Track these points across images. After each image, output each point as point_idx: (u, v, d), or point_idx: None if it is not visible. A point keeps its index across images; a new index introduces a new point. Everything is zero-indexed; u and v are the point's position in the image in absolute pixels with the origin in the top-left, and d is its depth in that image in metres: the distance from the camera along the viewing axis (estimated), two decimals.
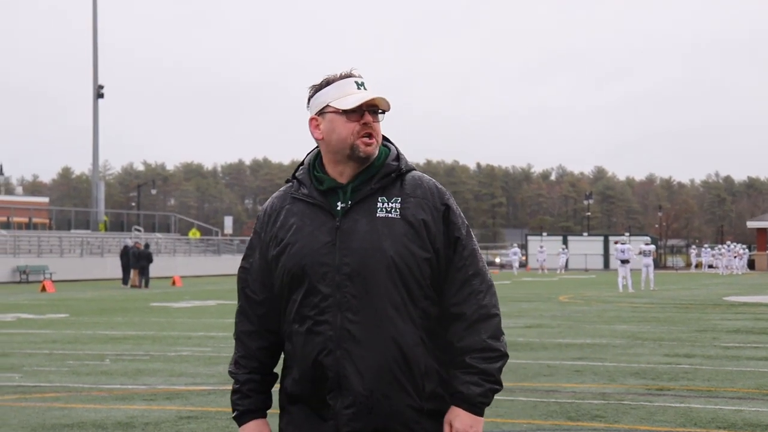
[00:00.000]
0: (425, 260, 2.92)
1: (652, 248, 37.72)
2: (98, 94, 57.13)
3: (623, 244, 36.31)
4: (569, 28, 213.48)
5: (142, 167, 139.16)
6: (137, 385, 10.67)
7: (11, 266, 45.29)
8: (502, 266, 73.77)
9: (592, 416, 8.59)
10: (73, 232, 55.71)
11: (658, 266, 64.59)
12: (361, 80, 2.98)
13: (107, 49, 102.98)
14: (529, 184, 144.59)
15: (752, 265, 69.22)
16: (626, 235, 70.42)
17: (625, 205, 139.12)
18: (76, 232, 55.84)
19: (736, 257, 60.83)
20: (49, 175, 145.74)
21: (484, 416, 2.94)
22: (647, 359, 12.86)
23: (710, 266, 66.61)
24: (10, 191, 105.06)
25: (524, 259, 73.72)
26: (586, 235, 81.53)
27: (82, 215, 62.96)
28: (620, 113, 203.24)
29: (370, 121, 2.94)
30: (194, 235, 64.58)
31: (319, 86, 3.00)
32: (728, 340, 15.58)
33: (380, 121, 2.97)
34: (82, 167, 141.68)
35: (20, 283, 43.99)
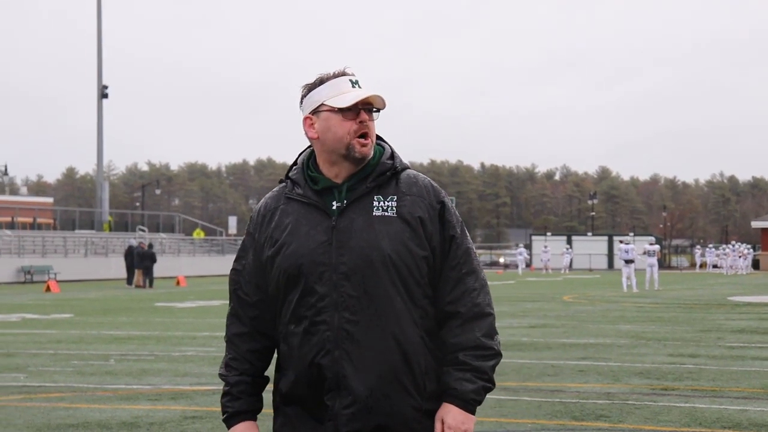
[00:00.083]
0: (423, 258, 2.90)
1: (656, 248, 37.66)
2: (102, 94, 57.19)
3: (627, 244, 36.30)
4: (570, 28, 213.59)
5: (146, 167, 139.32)
6: (142, 385, 10.67)
7: (16, 266, 45.34)
8: (506, 266, 73.65)
9: (596, 416, 8.58)
10: (77, 232, 55.73)
11: (662, 266, 64.52)
12: (355, 78, 2.94)
13: (110, 50, 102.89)
14: (533, 184, 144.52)
15: (757, 265, 69.08)
16: (630, 235, 70.38)
17: (629, 205, 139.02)
18: (80, 232, 55.86)
19: (740, 257, 60.71)
20: (53, 175, 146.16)
21: (476, 415, 2.91)
22: (652, 359, 12.84)
23: (715, 266, 66.50)
24: (14, 191, 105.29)
25: (529, 258, 73.59)
26: (590, 235, 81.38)
27: (86, 215, 63.01)
28: (624, 113, 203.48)
29: (366, 119, 2.91)
30: (198, 235, 64.59)
31: (312, 85, 2.96)
32: (733, 340, 15.56)
33: (375, 119, 2.95)
34: (86, 167, 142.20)
35: (25, 283, 44.02)
